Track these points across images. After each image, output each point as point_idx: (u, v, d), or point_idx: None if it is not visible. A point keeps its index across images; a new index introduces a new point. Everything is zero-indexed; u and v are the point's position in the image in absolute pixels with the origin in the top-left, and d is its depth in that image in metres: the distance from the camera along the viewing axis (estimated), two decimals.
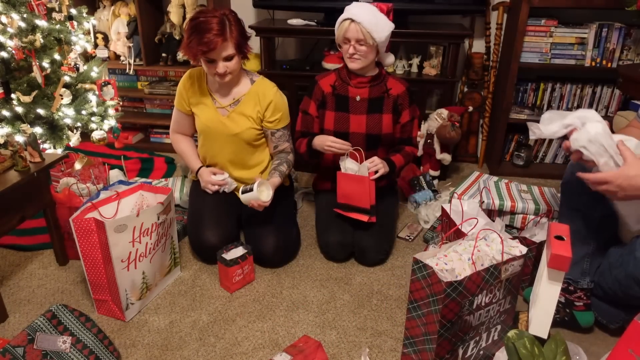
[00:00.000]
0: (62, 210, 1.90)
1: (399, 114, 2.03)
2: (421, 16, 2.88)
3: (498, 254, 1.33)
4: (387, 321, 1.68)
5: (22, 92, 2.18)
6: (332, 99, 2.03)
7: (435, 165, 2.70)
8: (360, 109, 2.02)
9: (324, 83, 2.05)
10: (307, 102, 2.07)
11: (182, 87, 1.98)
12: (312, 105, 2.06)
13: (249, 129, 1.96)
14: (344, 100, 2.02)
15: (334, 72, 2.07)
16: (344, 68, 2.03)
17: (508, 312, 1.45)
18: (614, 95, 2.76)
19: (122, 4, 3.08)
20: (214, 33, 1.70)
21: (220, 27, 1.71)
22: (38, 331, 1.29)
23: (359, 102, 2.01)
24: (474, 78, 2.88)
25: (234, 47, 1.76)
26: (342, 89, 2.03)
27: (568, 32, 2.60)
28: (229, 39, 1.74)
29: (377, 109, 2.01)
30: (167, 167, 2.86)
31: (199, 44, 1.71)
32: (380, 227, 2.00)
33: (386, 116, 2.01)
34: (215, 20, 1.71)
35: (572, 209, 1.59)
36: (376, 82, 2.01)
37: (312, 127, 2.08)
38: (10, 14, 2.10)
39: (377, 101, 2.01)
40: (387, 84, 2.02)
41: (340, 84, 2.03)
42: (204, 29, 1.70)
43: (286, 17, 2.88)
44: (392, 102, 2.01)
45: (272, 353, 1.53)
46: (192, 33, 1.72)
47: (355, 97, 2.01)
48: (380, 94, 2.01)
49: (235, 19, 1.78)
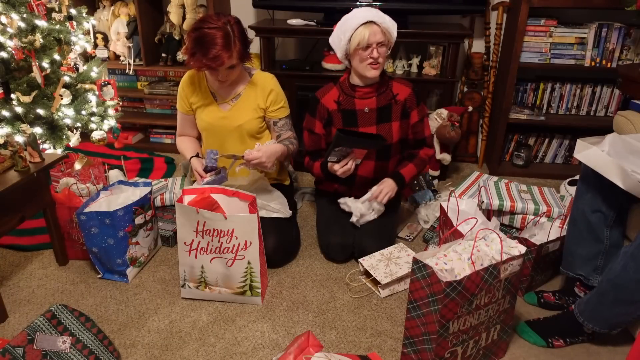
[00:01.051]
0: (62, 211, 1.90)
1: (408, 116, 1.99)
2: (421, 16, 2.88)
3: (497, 254, 1.33)
4: (387, 321, 1.68)
5: (21, 92, 2.18)
6: (339, 115, 1.97)
7: (435, 165, 2.70)
8: (369, 120, 1.96)
9: (327, 100, 1.98)
10: (311, 121, 2.02)
11: (182, 88, 2.00)
12: (317, 124, 2.00)
13: (251, 120, 1.97)
14: (352, 114, 1.96)
15: (335, 86, 2.00)
16: (345, 81, 1.97)
17: (507, 311, 1.45)
18: (613, 95, 2.76)
19: (121, 4, 3.08)
20: (218, 48, 1.70)
21: (225, 41, 1.71)
22: (38, 331, 1.29)
23: (368, 113, 1.95)
24: (473, 78, 2.88)
25: (237, 58, 1.78)
26: (347, 104, 1.96)
27: (568, 32, 2.60)
28: (233, 51, 1.75)
29: (386, 118, 1.96)
30: (167, 167, 2.87)
31: (204, 58, 1.71)
32: (381, 227, 2.00)
33: (395, 124, 1.97)
34: (220, 34, 1.70)
35: (589, 206, 1.59)
36: (382, 89, 1.95)
37: (320, 144, 2.04)
38: (10, 14, 2.10)
39: (385, 110, 1.96)
40: (392, 89, 1.97)
41: (345, 98, 1.96)
42: (209, 42, 1.70)
43: (286, 17, 2.88)
44: (400, 107, 1.96)
45: (272, 353, 1.53)
46: (196, 45, 1.72)
47: (364, 109, 1.95)
48: (388, 102, 1.96)
49: (239, 29, 1.77)
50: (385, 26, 1.80)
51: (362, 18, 1.79)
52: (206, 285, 1.74)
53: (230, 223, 1.62)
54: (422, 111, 2.02)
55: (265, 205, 1.95)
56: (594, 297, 1.47)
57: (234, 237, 1.64)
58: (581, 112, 2.84)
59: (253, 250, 1.65)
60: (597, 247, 1.59)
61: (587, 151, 1.53)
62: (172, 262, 1.99)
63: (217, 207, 1.75)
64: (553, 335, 1.56)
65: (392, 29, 1.83)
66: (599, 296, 1.45)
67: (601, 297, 1.44)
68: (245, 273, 1.69)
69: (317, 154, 2.07)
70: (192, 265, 1.71)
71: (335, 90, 1.99)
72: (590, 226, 1.58)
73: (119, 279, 1.88)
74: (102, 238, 1.79)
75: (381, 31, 1.80)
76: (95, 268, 1.90)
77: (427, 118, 2.05)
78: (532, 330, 1.57)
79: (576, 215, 1.62)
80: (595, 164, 1.50)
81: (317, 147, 2.05)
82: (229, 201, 1.77)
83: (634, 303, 1.39)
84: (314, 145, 2.05)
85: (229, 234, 1.63)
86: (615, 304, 1.41)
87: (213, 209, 1.72)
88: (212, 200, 1.75)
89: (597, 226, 1.58)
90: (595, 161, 1.50)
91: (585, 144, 1.54)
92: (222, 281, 1.72)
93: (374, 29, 1.78)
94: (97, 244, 1.81)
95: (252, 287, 1.72)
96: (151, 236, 1.97)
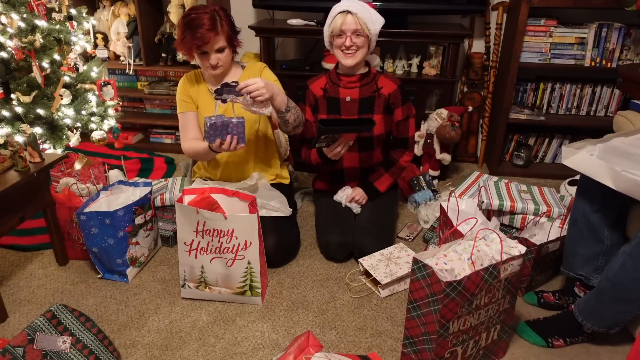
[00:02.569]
0: (61, 211, 1.90)
1: (392, 112, 2.03)
2: (421, 16, 2.88)
3: (497, 254, 1.33)
4: (387, 321, 1.68)
5: (21, 92, 2.18)
6: (324, 102, 2.05)
7: (435, 165, 2.70)
8: (351, 110, 2.02)
9: (315, 87, 2.07)
10: (302, 107, 2.07)
11: (181, 88, 2.01)
12: (307, 110, 2.08)
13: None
14: (335, 102, 2.03)
15: (325, 75, 2.08)
16: (334, 70, 2.05)
17: (507, 311, 1.45)
18: (613, 95, 2.76)
19: (121, 4, 3.08)
20: (206, 28, 1.78)
21: (211, 22, 1.79)
22: (38, 331, 1.29)
23: (350, 102, 2.02)
24: (473, 78, 2.89)
25: (225, 40, 1.84)
26: (332, 91, 2.04)
27: (568, 32, 2.60)
28: (220, 32, 1.81)
29: (368, 109, 2.02)
30: (166, 167, 2.87)
31: (193, 39, 1.79)
32: (380, 227, 2.00)
33: (377, 117, 2.01)
34: (207, 16, 1.80)
35: (590, 205, 1.59)
36: (366, 80, 2.01)
37: (312, 131, 2.08)
38: (10, 14, 2.10)
39: (367, 101, 2.01)
40: (377, 83, 2.02)
41: (331, 86, 2.04)
42: (196, 24, 1.78)
43: (286, 17, 2.88)
44: (383, 101, 2.01)
45: (272, 353, 1.53)
46: (186, 29, 1.81)
47: (346, 98, 2.01)
48: (371, 94, 2.01)
49: (225, 14, 1.86)
50: (361, 16, 1.85)
51: (340, 7, 1.89)
52: (206, 285, 1.74)
53: (230, 223, 1.62)
54: (408, 110, 2.04)
55: (265, 204, 1.95)
56: (592, 296, 1.47)
57: (234, 237, 1.64)
58: (581, 112, 2.84)
59: (253, 250, 1.66)
60: (597, 247, 1.59)
61: (574, 156, 1.52)
62: (172, 262, 1.99)
63: (217, 207, 1.75)
64: (553, 335, 1.56)
65: (368, 20, 1.86)
66: (598, 295, 1.45)
67: (600, 295, 1.44)
68: (245, 273, 1.69)
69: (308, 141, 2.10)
70: (192, 265, 1.71)
71: (324, 78, 2.07)
72: (591, 226, 1.58)
73: (119, 279, 1.88)
74: (102, 238, 1.79)
75: (355, 21, 1.85)
76: (95, 268, 1.90)
77: (412, 119, 2.07)
78: (532, 330, 1.57)
79: (577, 215, 1.62)
80: (584, 168, 1.50)
81: (309, 135, 2.09)
82: (228, 201, 1.77)
83: (632, 302, 1.39)
84: (307, 132, 2.09)
85: (229, 234, 1.63)
86: (613, 302, 1.41)
87: (213, 209, 1.72)
88: (212, 200, 1.75)
89: (598, 226, 1.58)
90: (585, 165, 1.50)
91: (571, 149, 1.53)
92: (222, 281, 1.72)
93: (349, 19, 1.86)
94: (97, 244, 1.81)
95: (252, 287, 1.72)
96: (151, 236, 1.97)
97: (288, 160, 2.39)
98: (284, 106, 1.81)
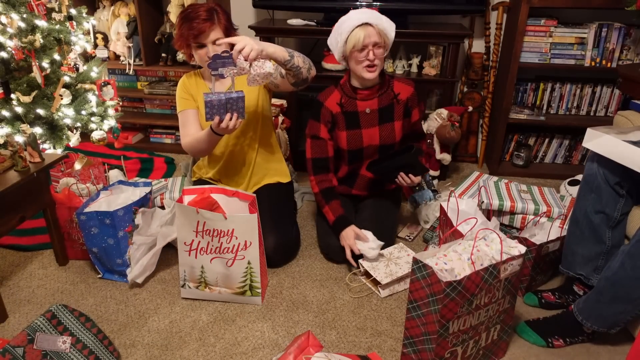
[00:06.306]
0: (61, 211, 1.90)
1: (410, 114, 2.01)
2: (421, 16, 2.88)
3: (497, 254, 1.33)
4: (386, 321, 1.68)
5: (21, 92, 2.18)
6: (342, 118, 1.96)
7: (435, 165, 2.70)
8: (372, 121, 1.96)
9: (330, 103, 1.96)
10: (315, 126, 1.98)
11: (181, 87, 2.01)
12: (322, 128, 1.97)
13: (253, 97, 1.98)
14: (354, 116, 1.96)
15: (336, 88, 1.99)
16: (346, 83, 1.97)
17: (507, 311, 1.45)
18: (613, 95, 2.76)
19: (121, 4, 3.08)
20: (202, 18, 1.80)
21: (208, 14, 1.82)
22: (38, 331, 1.29)
23: (369, 114, 1.95)
24: (473, 78, 2.89)
25: (222, 32, 1.84)
26: (349, 105, 1.96)
27: (568, 32, 2.60)
28: (216, 23, 1.82)
29: (389, 118, 1.97)
30: (166, 167, 2.87)
31: (189, 30, 1.80)
32: (381, 227, 2.00)
33: (397, 124, 1.98)
34: (203, 9, 1.83)
35: (592, 206, 1.58)
36: (383, 89, 1.96)
37: (327, 150, 1.99)
38: (10, 14, 2.10)
39: (387, 110, 1.96)
40: (394, 89, 1.97)
41: (347, 100, 1.96)
42: (193, 16, 1.81)
43: (286, 17, 2.88)
44: (402, 107, 1.97)
45: (272, 353, 1.54)
46: (183, 23, 1.83)
47: (365, 110, 1.95)
48: (390, 102, 1.96)
49: (222, 9, 1.87)
50: (382, 27, 1.79)
51: (358, 20, 1.78)
52: (206, 285, 1.74)
53: (230, 223, 1.62)
54: (422, 109, 2.05)
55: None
56: (592, 296, 1.47)
57: (234, 237, 1.64)
58: (581, 112, 2.85)
59: (253, 250, 1.66)
60: (598, 248, 1.59)
61: (599, 139, 1.47)
62: (172, 262, 1.99)
63: (217, 207, 1.75)
64: (553, 335, 1.56)
65: (388, 30, 1.82)
66: (597, 294, 1.45)
67: (599, 295, 1.45)
68: (245, 273, 1.70)
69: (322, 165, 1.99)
70: (192, 265, 1.72)
71: (337, 93, 1.98)
72: (593, 227, 1.58)
73: (119, 279, 1.88)
74: (102, 238, 1.79)
75: (377, 33, 1.79)
76: (95, 268, 1.90)
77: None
78: (532, 330, 1.57)
79: (578, 215, 1.62)
80: (609, 151, 1.45)
81: (321, 155, 1.99)
82: (228, 201, 1.77)
83: (631, 301, 1.39)
84: (318, 152, 1.99)
85: (229, 234, 1.63)
86: (613, 302, 1.41)
87: (213, 209, 1.72)
88: (212, 200, 1.75)
89: (599, 227, 1.57)
90: (609, 149, 1.45)
91: (597, 132, 1.48)
92: (222, 281, 1.72)
93: (370, 31, 1.78)
94: (97, 244, 1.81)
95: (252, 287, 1.72)
96: None
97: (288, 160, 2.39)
98: (286, 54, 1.73)
